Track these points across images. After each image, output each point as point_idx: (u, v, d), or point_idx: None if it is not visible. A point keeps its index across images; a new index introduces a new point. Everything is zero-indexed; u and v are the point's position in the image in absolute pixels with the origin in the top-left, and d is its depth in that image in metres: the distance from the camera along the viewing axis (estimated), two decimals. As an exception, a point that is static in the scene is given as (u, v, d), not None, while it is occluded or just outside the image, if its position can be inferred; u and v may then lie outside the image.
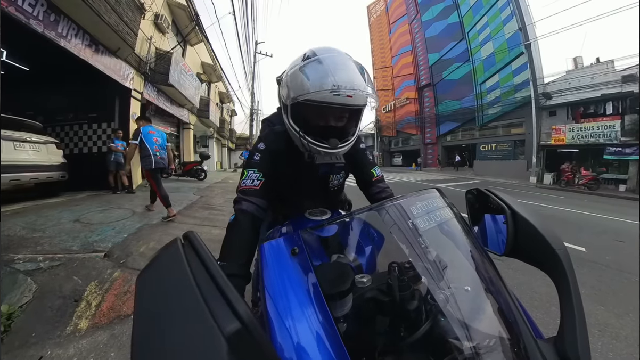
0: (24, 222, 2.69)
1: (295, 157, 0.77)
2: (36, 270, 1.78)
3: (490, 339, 0.40)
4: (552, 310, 1.76)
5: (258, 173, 0.71)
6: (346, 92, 0.59)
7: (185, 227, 3.14)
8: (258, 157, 0.74)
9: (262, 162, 0.73)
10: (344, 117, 0.69)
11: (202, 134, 14.60)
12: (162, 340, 0.22)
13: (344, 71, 0.61)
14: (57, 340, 1.30)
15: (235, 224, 0.64)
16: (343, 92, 0.59)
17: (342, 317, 0.44)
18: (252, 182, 0.70)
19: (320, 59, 0.63)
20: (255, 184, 0.69)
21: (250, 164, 0.73)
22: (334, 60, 0.63)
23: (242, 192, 0.69)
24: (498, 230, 0.56)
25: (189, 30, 8.03)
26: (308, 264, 0.49)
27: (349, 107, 0.63)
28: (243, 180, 0.71)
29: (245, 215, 0.66)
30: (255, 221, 0.67)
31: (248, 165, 0.73)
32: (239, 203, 0.68)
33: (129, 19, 4.52)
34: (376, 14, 31.82)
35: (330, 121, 0.68)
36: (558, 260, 0.41)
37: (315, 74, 0.61)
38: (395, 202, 0.51)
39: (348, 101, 0.61)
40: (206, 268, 0.27)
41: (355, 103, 0.63)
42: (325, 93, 0.59)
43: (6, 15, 2.89)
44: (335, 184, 0.90)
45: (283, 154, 0.77)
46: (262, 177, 0.70)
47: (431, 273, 0.46)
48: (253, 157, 0.74)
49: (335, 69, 0.60)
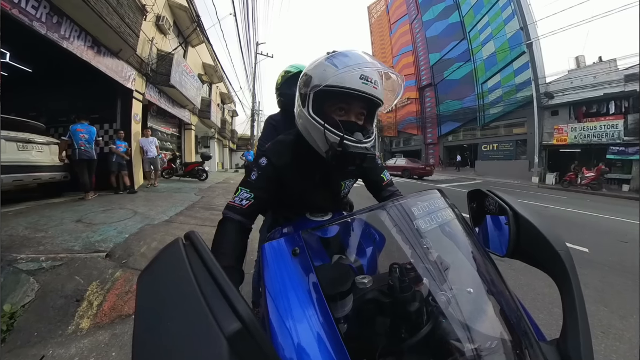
0: (26, 222, 2.71)
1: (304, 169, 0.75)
2: (38, 270, 1.79)
3: (492, 341, 0.39)
4: (554, 312, 1.74)
5: (250, 193, 0.70)
6: (373, 83, 0.61)
7: (186, 227, 3.15)
8: (255, 175, 0.72)
9: (257, 182, 0.71)
10: (363, 113, 0.68)
11: (203, 134, 14.65)
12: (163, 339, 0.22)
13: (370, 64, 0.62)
14: (59, 339, 1.31)
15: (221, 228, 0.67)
16: (370, 83, 0.61)
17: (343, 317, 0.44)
18: (241, 201, 0.69)
19: (346, 53, 0.64)
20: (243, 203, 0.69)
21: (245, 182, 0.72)
22: (361, 54, 0.64)
23: (229, 208, 0.70)
24: (500, 231, 0.55)
25: (190, 32, 8.07)
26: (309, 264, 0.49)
27: (374, 98, 0.63)
28: (235, 197, 0.71)
29: (230, 220, 0.68)
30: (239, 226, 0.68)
31: (243, 183, 0.73)
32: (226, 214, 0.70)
33: (130, 21, 4.55)
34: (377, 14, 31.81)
35: (352, 116, 0.66)
36: (560, 262, 0.41)
37: (343, 63, 0.61)
38: (396, 203, 0.51)
39: (374, 92, 0.62)
40: (207, 268, 0.27)
41: (378, 96, 0.64)
42: (355, 79, 0.60)
43: (10, 17, 2.92)
44: (346, 192, 0.90)
45: (290, 167, 0.74)
46: (252, 197, 0.69)
47: (432, 274, 0.45)
48: (250, 174, 0.73)
49: (363, 61, 0.62)
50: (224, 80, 14.15)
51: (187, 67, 7.49)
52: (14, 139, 3.49)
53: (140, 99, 5.98)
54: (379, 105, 0.68)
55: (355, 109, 0.66)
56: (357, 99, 0.63)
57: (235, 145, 24.05)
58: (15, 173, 3.45)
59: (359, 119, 0.68)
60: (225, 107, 17.41)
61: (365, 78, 0.60)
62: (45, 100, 5.61)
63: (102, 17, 3.82)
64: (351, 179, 0.89)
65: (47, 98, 5.61)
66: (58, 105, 5.60)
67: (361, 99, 0.63)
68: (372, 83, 0.61)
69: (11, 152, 3.42)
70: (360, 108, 0.67)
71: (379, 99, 0.64)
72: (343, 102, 0.65)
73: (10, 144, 3.42)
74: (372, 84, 0.61)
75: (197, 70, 9.69)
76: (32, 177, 3.71)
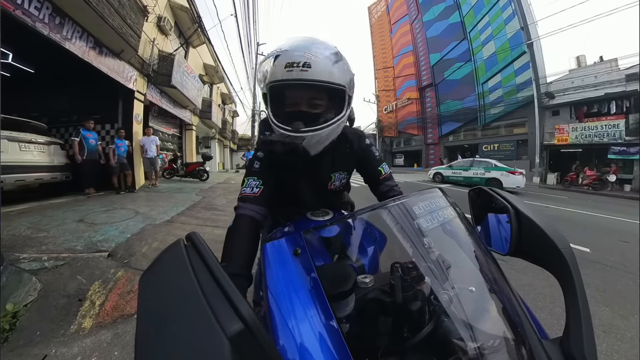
0: (29, 222, 2.72)
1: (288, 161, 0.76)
2: (41, 270, 1.80)
3: (494, 339, 0.39)
4: (555, 312, 1.74)
5: (257, 181, 0.72)
6: (300, 67, 0.57)
7: (188, 228, 3.15)
8: (258, 165, 0.75)
9: (262, 169, 0.74)
10: (315, 101, 0.64)
11: (204, 135, 14.68)
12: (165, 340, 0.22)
13: (300, 49, 0.59)
14: (62, 339, 1.31)
15: (234, 228, 0.65)
16: (297, 67, 0.57)
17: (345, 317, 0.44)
18: (252, 189, 0.70)
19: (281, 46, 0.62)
20: (254, 191, 0.70)
21: (251, 172, 0.74)
22: (293, 42, 0.61)
23: (241, 200, 0.70)
24: (502, 230, 0.55)
25: (191, 32, 8.10)
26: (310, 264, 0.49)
27: (304, 82, 0.59)
28: (243, 188, 0.72)
29: (243, 218, 0.67)
30: (253, 224, 0.67)
31: (248, 173, 0.74)
32: (238, 209, 0.69)
33: (132, 22, 4.57)
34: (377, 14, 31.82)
35: (301, 106, 0.64)
36: (563, 260, 0.41)
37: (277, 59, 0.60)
38: (397, 202, 0.51)
39: (302, 75, 0.58)
40: (209, 269, 0.27)
41: (309, 77, 0.58)
42: (280, 69, 0.59)
43: (13, 18, 2.94)
44: (337, 185, 0.89)
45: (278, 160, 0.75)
46: (261, 184, 0.71)
47: (434, 273, 0.45)
48: (253, 165, 0.75)
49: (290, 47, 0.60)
50: (225, 81, 14.18)
51: (188, 68, 7.51)
52: (16, 139, 3.51)
53: (142, 99, 6.00)
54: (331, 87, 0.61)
55: (302, 98, 0.64)
56: (294, 87, 0.61)
57: (236, 145, 24.08)
58: (17, 173, 3.47)
59: (313, 107, 0.64)
60: (226, 108, 17.44)
61: (290, 64, 0.57)
62: (47, 101, 5.63)
63: (104, 18, 3.84)
64: (341, 171, 0.86)
65: (49, 99, 5.64)
66: (60, 106, 5.63)
67: (298, 87, 0.61)
68: (299, 67, 0.57)
69: (13, 153, 3.44)
70: (307, 97, 0.63)
71: (312, 81, 0.59)
72: (285, 95, 0.64)
73: (12, 144, 3.44)
74: (300, 68, 0.57)
75: (198, 70, 9.71)
76: (34, 177, 3.73)
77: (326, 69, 0.59)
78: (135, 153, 5.73)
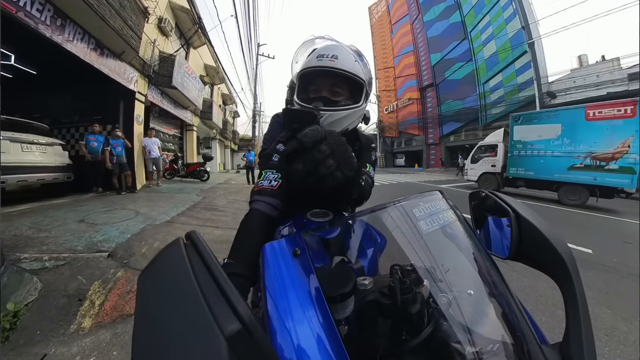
0: (30, 222, 2.73)
1: None
2: (42, 270, 1.81)
3: (493, 344, 0.39)
4: (557, 315, 1.73)
5: (276, 174, 0.70)
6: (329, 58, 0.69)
7: (188, 228, 3.16)
8: (277, 158, 0.74)
9: (280, 163, 0.73)
10: (337, 89, 0.73)
11: (205, 135, 14.71)
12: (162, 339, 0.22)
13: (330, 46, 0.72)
14: (61, 338, 1.31)
15: (246, 223, 0.64)
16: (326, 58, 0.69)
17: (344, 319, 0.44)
18: (270, 182, 0.69)
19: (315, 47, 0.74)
20: (272, 184, 0.69)
21: (269, 165, 0.73)
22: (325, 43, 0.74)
23: (258, 192, 0.69)
24: (502, 233, 0.55)
25: (192, 33, 8.12)
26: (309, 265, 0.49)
27: (332, 70, 0.69)
28: (260, 180, 0.71)
29: (257, 213, 0.66)
30: (265, 220, 0.66)
31: (266, 166, 0.73)
32: (254, 202, 0.68)
33: (133, 23, 4.59)
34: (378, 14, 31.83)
35: (324, 92, 0.73)
36: (563, 264, 0.41)
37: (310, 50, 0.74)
38: (397, 204, 0.51)
39: (330, 64, 0.69)
40: (208, 268, 0.27)
41: (337, 67, 0.69)
42: (313, 59, 0.70)
43: (16, 20, 2.96)
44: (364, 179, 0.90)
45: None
46: (280, 177, 0.70)
47: (434, 276, 0.45)
48: (272, 158, 0.74)
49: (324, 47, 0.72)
50: (226, 82, 14.22)
51: (188, 69, 7.53)
52: (19, 140, 3.53)
53: (143, 100, 6.02)
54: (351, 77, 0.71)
55: (326, 85, 0.73)
56: (321, 75, 0.71)
57: (237, 146, 24.13)
58: (19, 174, 3.49)
59: (334, 94, 0.73)
60: (226, 108, 17.49)
61: (321, 55, 0.69)
62: (49, 102, 5.67)
63: (105, 20, 3.86)
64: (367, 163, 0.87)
65: (50, 100, 5.68)
66: (61, 107, 5.66)
67: (325, 74, 0.71)
68: (329, 58, 0.69)
69: (16, 153, 3.46)
70: (330, 84, 0.73)
71: (338, 70, 0.69)
72: (312, 81, 0.74)
73: (14, 145, 3.46)
74: (329, 58, 0.69)
75: (199, 71, 9.74)
76: (36, 177, 3.75)
77: (350, 62, 0.70)
78: (137, 154, 5.75)
